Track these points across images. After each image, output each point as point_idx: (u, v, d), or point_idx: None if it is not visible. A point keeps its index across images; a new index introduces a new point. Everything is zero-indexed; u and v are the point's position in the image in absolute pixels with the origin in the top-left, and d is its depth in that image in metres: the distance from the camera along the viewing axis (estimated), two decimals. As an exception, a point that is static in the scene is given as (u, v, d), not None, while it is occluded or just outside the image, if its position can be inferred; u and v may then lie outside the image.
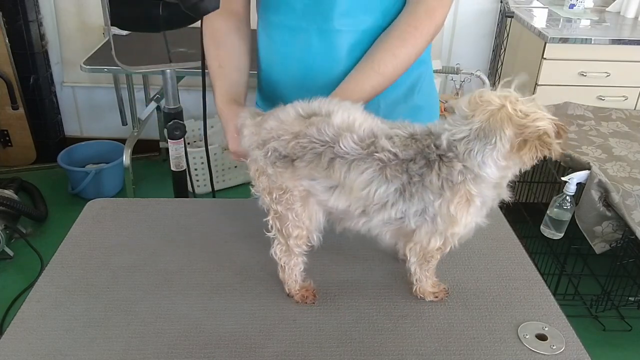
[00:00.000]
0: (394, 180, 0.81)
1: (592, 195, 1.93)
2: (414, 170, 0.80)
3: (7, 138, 3.12)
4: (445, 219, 0.81)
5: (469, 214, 0.81)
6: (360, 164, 0.81)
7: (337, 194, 0.84)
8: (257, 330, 0.86)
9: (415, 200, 0.82)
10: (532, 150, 0.76)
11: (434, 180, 0.80)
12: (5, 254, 2.44)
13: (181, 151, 1.96)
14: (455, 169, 0.78)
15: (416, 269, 0.90)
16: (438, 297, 0.93)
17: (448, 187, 0.79)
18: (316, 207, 0.88)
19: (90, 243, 1.05)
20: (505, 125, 0.76)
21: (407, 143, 0.82)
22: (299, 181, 0.85)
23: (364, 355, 0.82)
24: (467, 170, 0.79)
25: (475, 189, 0.79)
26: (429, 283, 0.92)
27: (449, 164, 0.79)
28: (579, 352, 0.83)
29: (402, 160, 0.81)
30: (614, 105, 2.54)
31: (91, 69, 2.30)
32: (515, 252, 1.05)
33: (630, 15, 2.82)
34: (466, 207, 0.81)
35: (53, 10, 3.00)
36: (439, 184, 0.79)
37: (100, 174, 2.86)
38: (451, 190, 0.79)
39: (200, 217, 1.13)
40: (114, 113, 3.07)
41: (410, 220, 0.83)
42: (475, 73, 2.56)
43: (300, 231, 0.89)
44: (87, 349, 0.82)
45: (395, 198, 0.82)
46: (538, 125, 0.75)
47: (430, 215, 0.82)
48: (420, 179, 0.80)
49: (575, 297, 2.21)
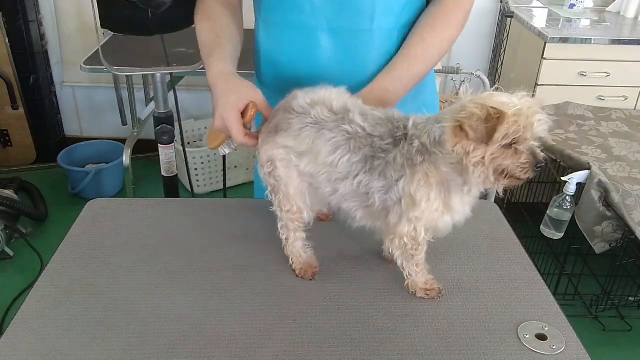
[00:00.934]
0: (357, 151, 0.85)
1: (592, 195, 1.93)
2: (378, 145, 0.85)
3: (7, 138, 3.12)
4: (408, 201, 0.84)
5: (430, 199, 0.83)
6: (327, 132, 0.87)
7: (306, 160, 0.89)
8: (257, 330, 0.86)
9: (377, 174, 0.85)
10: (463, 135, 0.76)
11: (397, 158, 0.83)
12: (5, 254, 2.44)
13: (172, 156, 1.96)
14: (414, 146, 0.82)
15: (403, 263, 0.91)
16: (430, 295, 0.92)
17: (408, 166, 0.83)
18: (298, 181, 0.93)
19: (90, 243, 1.05)
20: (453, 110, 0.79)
21: (380, 123, 0.87)
22: (277, 150, 0.91)
23: (364, 355, 0.82)
24: (424, 149, 0.82)
25: (432, 171, 0.82)
26: (420, 279, 0.92)
27: (410, 141, 0.83)
28: (579, 352, 0.83)
29: (368, 135, 0.85)
30: (614, 105, 2.54)
31: (91, 69, 2.30)
32: (515, 252, 1.05)
33: (630, 15, 2.82)
34: (426, 189, 0.83)
35: (53, 10, 3.00)
36: (401, 162, 0.83)
37: (100, 174, 2.86)
38: (411, 169, 0.83)
39: (200, 217, 1.13)
40: (114, 113, 3.07)
41: (375, 197, 0.86)
42: (475, 73, 2.55)
43: (291, 206, 0.94)
44: (87, 349, 0.82)
45: (357, 169, 0.86)
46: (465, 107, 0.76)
47: (397, 196, 0.85)
48: (384, 155, 0.84)
49: (575, 297, 2.21)
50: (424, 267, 0.92)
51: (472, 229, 1.10)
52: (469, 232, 1.09)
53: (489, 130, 0.75)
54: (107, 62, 1.91)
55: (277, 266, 0.99)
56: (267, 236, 1.07)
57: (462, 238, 1.08)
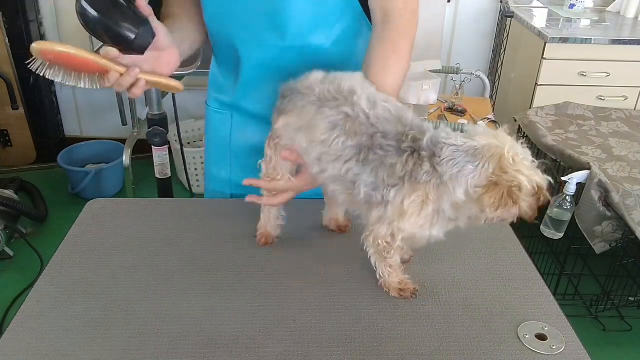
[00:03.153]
0: (353, 136, 0.84)
1: (592, 195, 1.93)
2: (378, 142, 0.82)
3: (7, 138, 3.12)
4: (396, 210, 0.83)
5: (420, 216, 0.82)
6: (327, 110, 0.86)
7: (301, 135, 0.90)
8: (257, 330, 0.86)
9: (369, 169, 0.84)
10: (498, 196, 0.76)
11: (397, 168, 0.81)
12: (5, 254, 2.44)
13: (165, 158, 1.95)
14: (423, 169, 0.79)
15: (376, 263, 0.91)
16: (403, 295, 0.92)
17: (410, 181, 0.81)
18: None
19: (90, 243, 1.05)
20: (493, 159, 0.77)
21: (389, 119, 0.84)
22: (277, 124, 0.93)
23: (364, 355, 0.82)
24: (436, 174, 0.79)
25: (433, 195, 0.80)
26: (394, 279, 0.92)
27: (419, 161, 0.80)
28: (579, 352, 0.83)
29: (370, 124, 0.83)
30: (614, 105, 2.54)
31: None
32: (515, 252, 1.05)
33: (630, 15, 2.82)
34: (419, 208, 0.82)
35: (53, 10, 3.00)
36: (401, 174, 0.81)
37: (100, 174, 2.86)
38: (411, 185, 0.81)
39: (200, 217, 1.13)
40: (114, 113, 3.07)
41: (361, 189, 0.85)
42: (475, 73, 2.56)
43: (277, 176, 0.97)
44: (87, 349, 0.82)
45: (349, 155, 0.85)
46: (515, 176, 0.76)
47: (384, 198, 0.84)
48: (383, 154, 0.82)
49: (575, 297, 2.21)
50: (398, 268, 0.92)
51: (472, 229, 1.10)
52: (469, 232, 1.09)
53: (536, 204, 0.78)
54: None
55: (277, 266, 1.00)
56: (267, 236, 1.07)
57: (462, 238, 1.08)
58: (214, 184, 1.26)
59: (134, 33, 0.88)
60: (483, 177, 0.77)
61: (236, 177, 1.21)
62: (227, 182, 1.23)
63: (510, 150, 0.77)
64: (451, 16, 3.00)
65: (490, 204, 0.77)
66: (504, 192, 0.76)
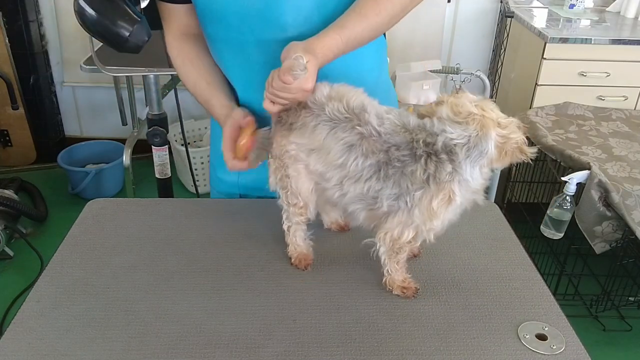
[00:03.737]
0: (370, 155, 0.85)
1: (592, 195, 1.93)
2: (394, 155, 0.84)
3: (7, 138, 3.12)
4: (425, 212, 0.85)
5: (448, 211, 0.85)
6: (340, 131, 0.86)
7: (315, 156, 0.90)
8: (257, 330, 0.86)
9: (391, 183, 0.85)
10: (510, 159, 0.83)
11: (417, 173, 0.83)
12: (5, 254, 2.45)
13: (165, 158, 1.95)
14: (446, 170, 0.82)
15: (385, 260, 0.92)
16: (405, 294, 0.93)
17: (434, 182, 0.83)
18: (306, 178, 0.93)
19: (90, 243, 1.05)
20: (490, 138, 0.81)
21: (397, 130, 0.85)
22: (289, 146, 0.91)
23: (364, 355, 0.82)
24: (457, 173, 0.82)
25: (458, 191, 0.83)
26: (399, 276, 0.93)
27: (440, 164, 0.82)
28: (579, 352, 0.83)
29: (384, 141, 0.85)
30: (614, 105, 2.54)
31: (91, 69, 2.30)
32: (515, 252, 1.05)
33: (630, 15, 2.82)
34: (447, 204, 0.84)
35: (53, 10, 3.00)
36: (424, 177, 0.83)
37: (100, 174, 2.87)
38: (437, 185, 0.83)
39: (201, 217, 1.13)
40: (114, 113, 3.07)
41: (383, 202, 0.86)
42: (475, 73, 2.55)
43: (297, 201, 0.95)
44: (87, 349, 0.82)
45: (369, 174, 0.86)
46: (514, 137, 0.82)
47: (406, 204, 0.85)
48: (401, 166, 0.84)
49: (575, 297, 2.21)
50: (403, 266, 0.93)
51: (472, 229, 1.10)
52: (469, 232, 1.10)
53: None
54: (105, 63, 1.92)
55: (277, 266, 1.00)
56: (267, 236, 1.07)
57: (462, 238, 1.08)
58: (220, 186, 1.25)
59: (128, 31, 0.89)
60: (490, 155, 0.82)
61: (244, 180, 1.21)
62: (235, 185, 1.22)
63: (497, 117, 0.82)
64: (451, 16, 3.00)
65: (504, 164, 0.84)
66: (515, 154, 0.83)
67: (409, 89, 2.41)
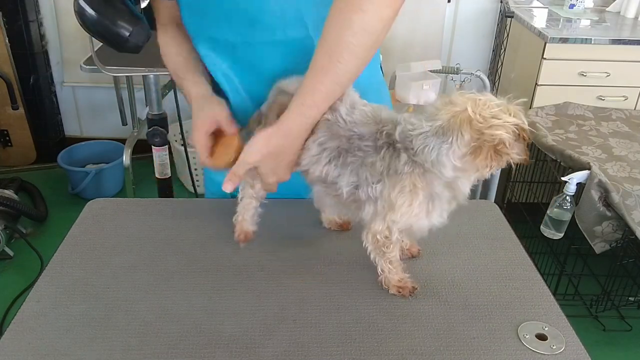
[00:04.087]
0: (331, 140, 0.86)
1: (592, 195, 1.93)
2: (356, 144, 0.85)
3: (7, 138, 3.13)
4: (386, 204, 0.84)
5: (412, 206, 0.83)
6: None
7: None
8: (257, 330, 0.86)
9: (348, 170, 0.86)
10: (487, 159, 0.77)
11: (377, 165, 0.83)
12: (5, 254, 2.45)
13: (165, 158, 1.95)
14: (401, 160, 0.81)
15: (375, 258, 0.92)
16: (402, 293, 0.93)
17: (390, 175, 0.82)
18: None
19: (90, 243, 1.05)
20: (464, 127, 0.76)
21: (365, 121, 0.86)
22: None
23: (364, 355, 0.82)
24: (416, 165, 0.80)
25: (421, 183, 0.81)
26: (394, 276, 0.92)
27: (395, 154, 0.81)
28: (579, 352, 0.83)
29: (348, 129, 0.86)
30: (614, 105, 2.54)
31: (91, 69, 2.30)
32: (515, 252, 1.05)
33: (630, 15, 2.82)
34: (409, 197, 0.82)
35: (53, 10, 3.00)
36: (381, 170, 0.83)
37: (100, 174, 2.87)
38: (393, 178, 0.82)
39: (201, 217, 1.13)
40: (114, 113, 3.07)
41: (343, 189, 0.87)
42: (475, 73, 2.55)
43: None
44: (87, 349, 0.82)
45: (328, 158, 0.87)
46: (493, 133, 0.75)
47: (369, 196, 0.85)
48: (362, 156, 0.84)
49: (575, 297, 2.21)
50: (398, 265, 0.92)
51: (472, 229, 1.10)
52: (469, 232, 1.10)
53: (524, 146, 0.78)
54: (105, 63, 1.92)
55: (277, 266, 1.00)
56: (267, 236, 1.07)
57: (462, 238, 1.08)
58: (214, 187, 1.26)
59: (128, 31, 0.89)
60: (462, 146, 0.77)
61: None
62: None
63: (474, 109, 0.76)
64: (451, 16, 3.00)
65: (483, 165, 0.78)
66: (491, 153, 0.76)
67: (409, 89, 2.41)
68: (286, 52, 1.02)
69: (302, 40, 1.01)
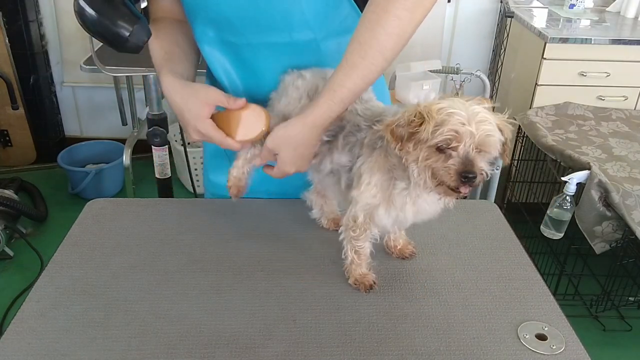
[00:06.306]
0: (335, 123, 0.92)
1: (592, 195, 1.93)
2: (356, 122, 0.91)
3: (7, 138, 3.12)
4: (356, 179, 0.88)
5: (370, 183, 0.86)
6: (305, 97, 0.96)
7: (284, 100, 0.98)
8: (257, 330, 0.86)
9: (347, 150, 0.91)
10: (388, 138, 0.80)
11: (366, 139, 0.88)
12: (5, 254, 2.45)
13: (165, 158, 1.95)
14: (375, 134, 0.86)
15: (346, 245, 0.93)
16: (357, 286, 0.93)
17: (369, 146, 0.87)
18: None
19: (90, 243, 1.05)
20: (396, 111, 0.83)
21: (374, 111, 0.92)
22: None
23: (364, 355, 0.82)
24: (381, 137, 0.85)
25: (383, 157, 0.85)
26: (356, 268, 0.94)
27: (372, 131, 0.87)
28: (579, 352, 0.83)
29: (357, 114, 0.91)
30: (614, 105, 2.54)
31: (91, 69, 2.30)
32: (515, 252, 1.05)
33: (630, 15, 2.82)
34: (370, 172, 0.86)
35: (53, 10, 3.00)
36: (367, 142, 0.88)
37: (100, 174, 2.87)
38: (369, 150, 0.87)
39: (201, 217, 1.13)
40: (114, 113, 3.07)
41: (342, 175, 0.92)
42: (475, 73, 2.56)
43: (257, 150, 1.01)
44: (87, 349, 0.82)
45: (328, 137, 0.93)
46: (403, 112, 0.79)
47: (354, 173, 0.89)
48: (358, 133, 0.89)
49: (575, 297, 2.21)
50: (365, 259, 0.93)
51: (472, 229, 1.10)
52: (469, 232, 1.10)
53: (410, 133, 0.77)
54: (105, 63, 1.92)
55: (277, 266, 1.00)
56: (267, 236, 1.07)
57: (462, 238, 1.08)
58: (213, 188, 1.26)
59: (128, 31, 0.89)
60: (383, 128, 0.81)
61: None
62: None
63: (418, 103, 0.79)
64: (451, 16, 3.00)
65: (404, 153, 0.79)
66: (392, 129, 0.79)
67: (409, 89, 2.41)
68: (291, 54, 1.02)
69: (307, 43, 1.01)
